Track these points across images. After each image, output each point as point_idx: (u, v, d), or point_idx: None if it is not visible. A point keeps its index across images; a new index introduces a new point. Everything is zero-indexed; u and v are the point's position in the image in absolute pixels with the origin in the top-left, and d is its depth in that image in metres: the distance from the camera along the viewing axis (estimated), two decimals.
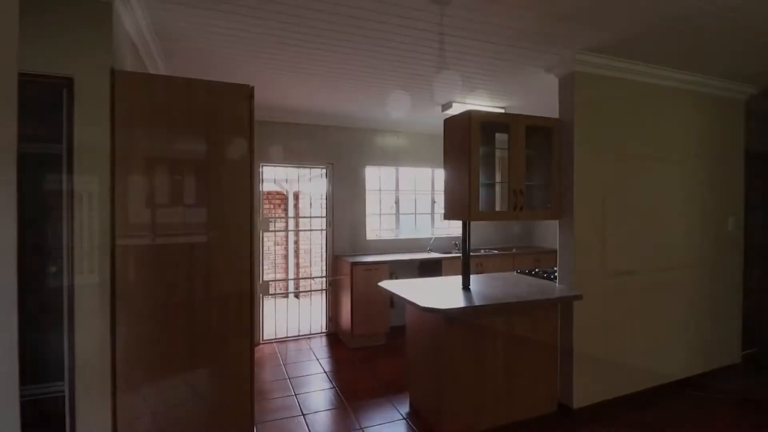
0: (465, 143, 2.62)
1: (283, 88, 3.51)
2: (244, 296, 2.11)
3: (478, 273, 4.74)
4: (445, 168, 2.89)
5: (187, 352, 2.01)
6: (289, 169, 4.79)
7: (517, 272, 3.50)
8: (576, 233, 2.83)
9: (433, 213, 5.39)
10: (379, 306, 4.28)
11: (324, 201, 4.88)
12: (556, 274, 3.27)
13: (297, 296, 7.09)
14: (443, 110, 4.06)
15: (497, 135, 2.99)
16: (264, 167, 4.51)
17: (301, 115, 4.47)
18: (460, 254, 4.99)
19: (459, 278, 3.12)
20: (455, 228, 5.54)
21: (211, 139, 2.05)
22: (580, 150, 2.83)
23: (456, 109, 3.93)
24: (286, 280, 7.10)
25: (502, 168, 2.96)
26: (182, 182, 1.99)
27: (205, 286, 2.03)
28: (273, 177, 4.72)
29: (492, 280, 3.15)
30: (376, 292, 4.27)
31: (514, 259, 5.01)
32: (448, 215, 2.84)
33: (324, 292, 4.83)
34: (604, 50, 2.72)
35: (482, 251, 5.22)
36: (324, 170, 4.82)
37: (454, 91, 3.59)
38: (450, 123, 2.85)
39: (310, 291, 4.89)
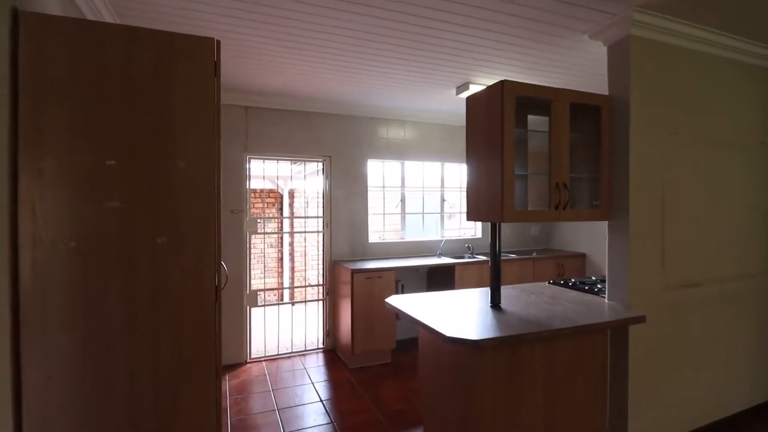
0: (496, 124, 2.07)
1: (270, 63, 2.95)
2: (206, 324, 1.56)
3: None
4: (468, 159, 2.33)
5: (126, 401, 1.45)
6: (281, 163, 4.22)
7: (549, 283, 2.95)
8: (631, 237, 2.27)
9: (442, 212, 4.84)
10: (383, 319, 3.73)
11: (320, 199, 4.33)
12: (597, 285, 2.73)
13: (292, 302, 6.54)
14: (458, 93, 3.51)
15: (530, 117, 2.45)
16: (252, 160, 3.95)
17: (294, 100, 3.91)
18: (475, 259, 4.46)
19: (484, 292, 2.57)
20: (468, 229, 4.98)
21: (161, 111, 1.49)
22: (636, 134, 2.28)
23: (473, 90, 3.37)
24: (279, 289, 6.55)
25: (535, 158, 2.42)
26: (118, 171, 1.43)
27: (151, 312, 1.47)
28: (262, 173, 4.14)
29: (524, 294, 2.60)
30: (379, 304, 3.72)
31: (535, 265, 4.45)
32: (474, 215, 2.28)
33: (321, 302, 4.27)
34: (667, 9, 2.17)
35: None
36: (320, 164, 4.27)
37: (472, 67, 3.03)
38: (475, 101, 2.29)
39: (305, 301, 4.33)
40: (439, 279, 4.31)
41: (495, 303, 2.26)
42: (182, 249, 1.51)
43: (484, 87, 3.32)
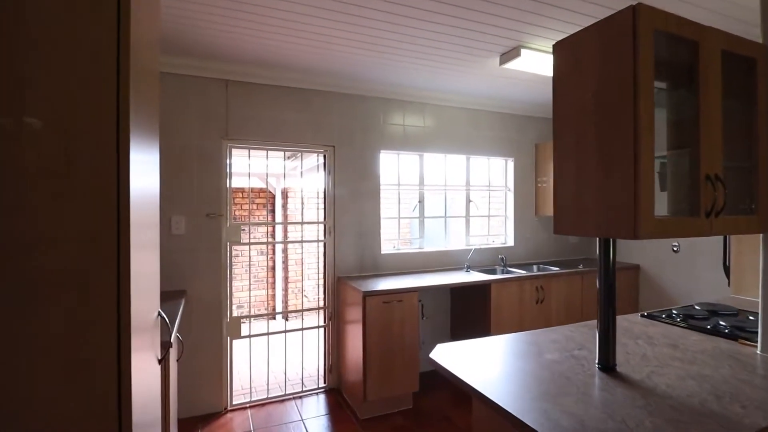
0: (622, 77, 1.26)
1: (252, 10, 2.12)
2: None
3: (539, 301, 3.41)
4: (558, 140, 1.51)
5: None
6: (272, 154, 3.39)
7: (642, 316, 2.15)
8: None
9: (468, 216, 4.03)
10: (403, 355, 2.91)
11: (320, 201, 3.50)
12: (719, 321, 1.93)
13: (285, 317, 5.69)
14: (503, 62, 2.69)
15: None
16: (234, 150, 3.11)
17: (287, 72, 3.08)
18: (512, 274, 3.63)
19: (567, 335, 1.76)
20: (497, 236, 4.17)
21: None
22: None
23: (526, 59, 2.57)
24: (269, 314, 5.68)
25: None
26: None
27: None
28: (247, 168, 3.29)
29: (625, 337, 1.79)
30: (399, 335, 2.92)
31: (583, 280, 3.66)
32: (572, 226, 1.47)
33: (322, 329, 3.44)
34: None
35: (535, 269, 3.87)
36: (321, 156, 3.44)
37: (533, 21, 2.22)
38: (574, 45, 1.47)
39: (302, 329, 3.49)
40: (467, 296, 3.51)
41: (607, 365, 1.44)
42: (34, 301, 0.68)
43: (535, 52, 2.51)
